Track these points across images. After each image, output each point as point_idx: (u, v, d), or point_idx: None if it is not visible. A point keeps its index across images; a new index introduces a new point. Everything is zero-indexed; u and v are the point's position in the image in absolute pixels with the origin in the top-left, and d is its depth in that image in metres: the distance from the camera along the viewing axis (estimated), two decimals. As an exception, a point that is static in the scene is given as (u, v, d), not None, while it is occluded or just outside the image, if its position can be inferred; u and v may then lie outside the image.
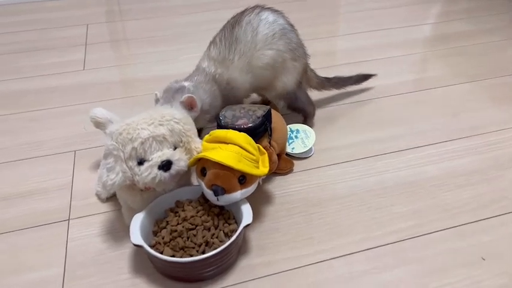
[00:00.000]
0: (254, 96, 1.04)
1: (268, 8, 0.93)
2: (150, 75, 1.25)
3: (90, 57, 1.38)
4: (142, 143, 0.66)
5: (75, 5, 1.84)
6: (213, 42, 0.92)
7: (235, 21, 0.90)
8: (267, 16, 0.91)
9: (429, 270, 0.67)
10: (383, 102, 1.10)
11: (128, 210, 0.75)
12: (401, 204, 0.79)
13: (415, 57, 1.33)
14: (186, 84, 0.84)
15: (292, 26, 0.95)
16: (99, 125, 0.85)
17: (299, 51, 0.95)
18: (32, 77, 1.26)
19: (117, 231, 0.75)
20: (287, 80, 0.94)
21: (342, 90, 1.12)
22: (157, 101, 0.84)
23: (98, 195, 0.82)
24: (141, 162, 0.67)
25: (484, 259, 0.68)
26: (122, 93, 1.17)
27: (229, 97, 0.90)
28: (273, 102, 1.01)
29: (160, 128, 0.68)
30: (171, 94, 0.82)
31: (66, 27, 1.61)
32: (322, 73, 1.07)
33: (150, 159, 0.67)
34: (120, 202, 0.77)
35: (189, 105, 0.80)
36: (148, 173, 0.66)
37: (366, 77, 1.14)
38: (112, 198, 0.81)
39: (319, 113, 1.05)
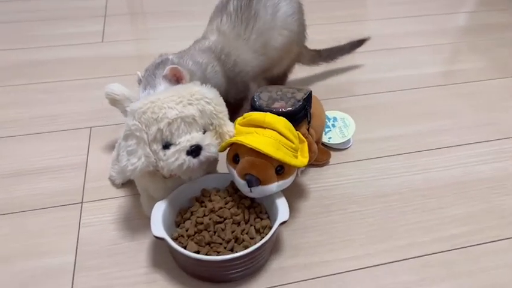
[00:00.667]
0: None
1: None
2: (173, 51, 1.16)
3: (109, 30, 1.29)
4: (169, 124, 0.58)
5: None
6: (225, 10, 0.81)
7: None
8: None
9: (482, 286, 0.59)
10: (421, 93, 1.00)
11: (147, 199, 0.67)
12: (452, 207, 0.70)
13: (454, 47, 1.23)
14: (169, 56, 0.73)
15: (302, 6, 0.88)
16: (116, 102, 0.77)
17: (303, 35, 0.90)
18: (47, 47, 1.19)
19: (134, 218, 0.68)
20: (286, 63, 0.90)
21: (364, 75, 1.04)
22: (139, 82, 0.73)
23: (111, 180, 0.75)
24: (166, 146, 0.59)
25: (551, 277, 0.60)
26: (141, 69, 1.09)
27: (236, 81, 0.81)
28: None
29: (190, 107, 0.60)
30: (152, 71, 0.71)
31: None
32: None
33: (177, 142, 0.59)
34: (139, 190, 0.69)
35: (175, 78, 0.69)
36: (175, 158, 0.58)
37: (359, 42, 1.04)
38: (127, 183, 0.74)
39: (355, 101, 0.96)
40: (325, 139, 0.82)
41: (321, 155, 0.79)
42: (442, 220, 0.68)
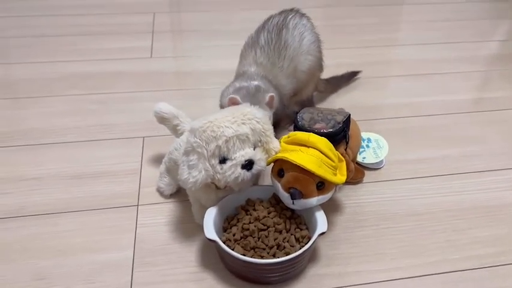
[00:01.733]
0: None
1: (303, 14, 0.95)
2: (217, 69, 1.24)
3: (157, 46, 1.39)
4: (226, 141, 0.65)
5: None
6: (257, 45, 0.90)
7: (281, 25, 0.90)
8: (307, 22, 0.94)
9: (511, 303, 0.63)
10: (451, 118, 1.05)
11: (199, 208, 0.73)
12: (481, 228, 0.75)
13: (487, 74, 1.27)
14: (261, 85, 0.83)
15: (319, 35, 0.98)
16: (164, 120, 0.83)
17: (322, 61, 0.99)
18: (100, 60, 1.28)
19: (185, 222, 0.75)
20: (311, 87, 0.99)
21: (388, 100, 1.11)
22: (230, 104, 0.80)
23: (160, 192, 0.81)
24: (223, 161, 0.66)
25: None
26: (189, 84, 1.17)
27: (281, 103, 0.89)
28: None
29: (243, 126, 0.67)
30: (249, 96, 0.81)
31: (134, 14, 1.63)
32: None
33: (232, 158, 0.65)
34: (191, 200, 0.75)
35: (270, 105, 0.79)
36: (232, 171, 0.65)
37: (353, 73, 1.16)
38: (175, 194, 0.81)
39: (388, 124, 1.02)
40: (359, 159, 0.88)
41: (356, 173, 0.84)
42: (472, 240, 0.73)
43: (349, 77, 1.16)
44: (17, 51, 1.32)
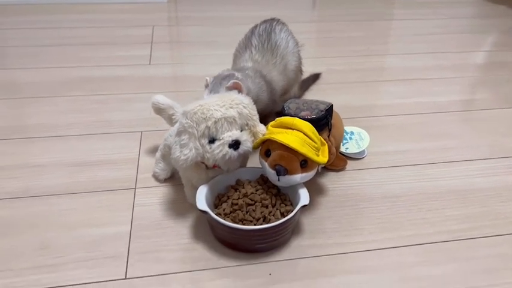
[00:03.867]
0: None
1: (284, 23, 1.06)
2: (210, 75, 1.31)
3: (156, 54, 1.47)
4: (215, 123, 0.71)
5: (142, 10, 1.98)
6: (250, 46, 1.00)
7: (269, 29, 1.01)
8: (288, 29, 1.05)
9: (477, 270, 0.68)
10: (432, 117, 1.13)
11: (190, 189, 0.79)
12: (454, 208, 0.81)
13: (466, 80, 1.35)
14: (235, 73, 0.90)
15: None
16: (160, 110, 0.91)
17: (300, 67, 1.09)
18: (103, 66, 1.37)
19: (178, 202, 0.81)
20: (296, 87, 1.09)
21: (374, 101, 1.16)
22: (206, 86, 0.89)
23: (155, 177, 0.87)
24: (212, 141, 0.72)
25: (535, 266, 0.69)
26: (184, 87, 1.25)
27: (272, 97, 0.96)
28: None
29: (231, 110, 0.73)
30: (219, 80, 0.87)
31: (135, 27, 1.72)
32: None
33: (220, 138, 0.72)
34: (183, 181, 0.81)
35: (230, 89, 0.83)
36: (220, 150, 0.71)
37: (316, 75, 1.30)
38: (169, 178, 0.87)
39: (373, 121, 1.09)
40: (343, 149, 0.94)
41: (338, 161, 0.91)
42: (445, 218, 0.78)
43: (314, 80, 1.29)
44: (23, 60, 1.41)
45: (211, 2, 2.20)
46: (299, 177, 0.72)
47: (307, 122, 0.76)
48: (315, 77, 1.30)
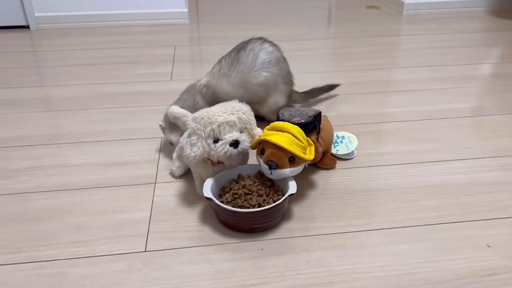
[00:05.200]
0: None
1: (270, 41, 1.17)
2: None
3: (176, 71, 1.65)
4: (218, 126, 0.87)
5: (166, 31, 2.18)
6: (219, 63, 1.14)
7: (241, 47, 1.13)
8: (268, 47, 1.16)
9: (438, 248, 0.80)
10: (420, 124, 1.25)
11: (200, 182, 0.95)
12: (428, 200, 0.93)
13: (465, 90, 1.47)
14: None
15: (285, 58, 1.20)
16: (176, 118, 1.06)
17: (288, 78, 1.20)
18: (128, 83, 1.55)
19: (190, 194, 0.96)
20: (279, 98, 1.18)
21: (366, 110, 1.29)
22: (163, 129, 1.09)
23: (172, 174, 1.03)
24: (216, 141, 0.87)
25: (489, 246, 0.80)
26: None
27: (215, 102, 1.07)
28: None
29: (232, 116, 0.89)
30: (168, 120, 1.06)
31: (159, 47, 1.92)
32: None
33: (223, 138, 0.87)
34: (194, 176, 0.97)
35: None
36: (222, 148, 0.86)
37: (332, 86, 1.39)
38: (183, 175, 1.02)
39: (366, 127, 1.22)
40: (333, 151, 1.08)
41: (329, 160, 1.05)
42: (418, 208, 0.91)
43: (329, 89, 1.39)
44: (59, 77, 1.61)
45: (230, 22, 2.39)
46: (288, 171, 0.86)
47: (296, 126, 0.90)
48: (330, 87, 1.40)
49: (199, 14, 2.58)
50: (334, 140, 1.09)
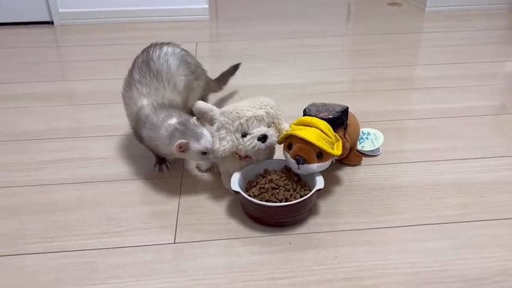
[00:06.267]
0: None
1: (162, 43, 1.09)
2: (249, 84, 1.50)
3: (199, 67, 1.66)
4: (247, 120, 0.87)
5: (188, 27, 2.19)
6: (133, 81, 1.01)
7: (146, 60, 1.03)
8: (167, 49, 1.07)
9: (467, 245, 0.80)
10: (444, 121, 1.24)
11: (227, 177, 0.95)
12: (454, 198, 0.92)
13: (488, 88, 1.45)
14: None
15: (186, 51, 1.13)
16: (202, 113, 1.06)
17: (198, 71, 1.13)
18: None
19: (216, 188, 0.97)
20: (194, 98, 1.10)
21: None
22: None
23: (198, 168, 1.05)
24: (244, 135, 0.88)
25: (519, 245, 0.80)
26: (224, 95, 1.42)
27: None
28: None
29: (260, 110, 0.89)
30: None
31: (180, 43, 1.93)
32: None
33: (251, 132, 0.88)
34: (221, 170, 0.98)
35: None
36: (250, 142, 0.87)
37: (235, 66, 1.39)
38: (208, 169, 1.03)
39: (388, 124, 1.22)
40: (359, 147, 1.08)
41: (354, 157, 1.04)
42: (444, 205, 0.90)
43: (234, 70, 1.40)
44: (83, 72, 1.64)
45: (249, 19, 2.40)
46: (316, 166, 0.87)
47: (324, 121, 0.90)
48: (234, 69, 1.40)
49: (218, 11, 2.59)
50: (359, 136, 1.09)
